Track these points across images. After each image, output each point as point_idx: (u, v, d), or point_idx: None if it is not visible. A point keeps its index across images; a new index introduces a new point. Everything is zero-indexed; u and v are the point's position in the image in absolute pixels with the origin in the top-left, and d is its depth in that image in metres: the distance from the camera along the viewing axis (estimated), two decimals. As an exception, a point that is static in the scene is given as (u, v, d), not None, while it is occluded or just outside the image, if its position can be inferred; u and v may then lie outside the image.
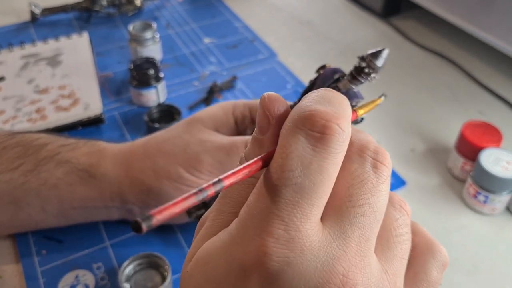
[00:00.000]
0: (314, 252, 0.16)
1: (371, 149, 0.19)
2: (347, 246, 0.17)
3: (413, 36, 0.71)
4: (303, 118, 0.17)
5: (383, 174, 0.19)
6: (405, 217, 0.20)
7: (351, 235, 0.17)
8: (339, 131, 0.17)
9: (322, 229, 0.17)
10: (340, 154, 0.18)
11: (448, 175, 0.50)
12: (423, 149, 0.53)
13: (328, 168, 0.17)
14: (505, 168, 0.44)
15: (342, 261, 0.16)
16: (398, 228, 0.19)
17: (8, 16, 0.75)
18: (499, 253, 0.43)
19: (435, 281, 0.20)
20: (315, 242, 0.16)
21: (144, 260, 0.40)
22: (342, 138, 0.17)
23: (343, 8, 0.79)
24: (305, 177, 0.17)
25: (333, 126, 0.17)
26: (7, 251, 0.42)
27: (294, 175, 0.17)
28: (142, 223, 0.14)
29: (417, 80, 0.63)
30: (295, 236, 0.16)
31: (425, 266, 0.20)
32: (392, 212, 0.20)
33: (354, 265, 0.17)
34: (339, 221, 0.17)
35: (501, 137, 0.47)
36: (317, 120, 0.17)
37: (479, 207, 0.46)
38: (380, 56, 0.35)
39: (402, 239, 0.19)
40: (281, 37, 0.71)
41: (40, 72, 0.60)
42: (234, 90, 0.60)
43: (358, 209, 0.18)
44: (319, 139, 0.17)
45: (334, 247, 0.17)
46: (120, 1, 0.73)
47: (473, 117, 0.57)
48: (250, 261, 0.16)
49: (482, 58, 0.67)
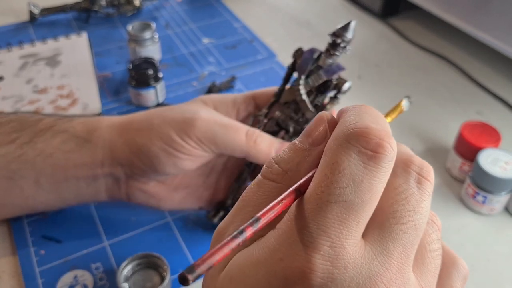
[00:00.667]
0: (357, 269, 0.17)
1: (416, 164, 0.19)
2: (389, 263, 0.17)
3: (411, 37, 0.71)
4: (357, 135, 0.18)
5: (427, 191, 0.19)
6: (437, 232, 0.20)
7: (393, 252, 0.17)
8: (390, 150, 0.18)
9: (365, 245, 0.17)
10: (389, 172, 0.18)
11: (446, 175, 0.50)
12: (422, 149, 0.53)
13: (377, 186, 0.17)
14: (503, 168, 0.44)
15: (384, 278, 0.17)
16: (431, 243, 0.20)
17: (7, 16, 0.75)
18: (498, 253, 0.43)
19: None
20: (358, 258, 0.17)
21: (142, 260, 0.39)
22: (391, 157, 0.18)
23: (342, 9, 0.79)
24: (356, 195, 0.17)
25: (386, 145, 0.17)
26: (6, 252, 0.42)
27: (345, 192, 0.17)
28: (187, 275, 0.15)
29: (416, 80, 0.63)
30: (339, 253, 0.16)
31: (450, 279, 0.21)
32: (426, 227, 0.20)
33: (394, 282, 0.17)
34: (382, 237, 0.18)
35: (499, 138, 0.47)
36: (372, 138, 0.17)
37: (477, 207, 0.46)
38: (349, 28, 0.38)
39: (435, 255, 0.20)
40: (280, 37, 0.71)
41: (39, 72, 0.60)
42: (233, 90, 0.60)
43: (401, 226, 0.18)
44: (371, 158, 0.17)
45: (376, 264, 0.17)
46: (119, 1, 0.73)
47: (472, 117, 0.57)
48: (295, 277, 0.16)
49: (480, 59, 0.67)
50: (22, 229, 0.43)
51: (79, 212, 0.45)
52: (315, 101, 0.38)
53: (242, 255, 0.18)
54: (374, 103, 0.58)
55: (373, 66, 0.66)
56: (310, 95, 0.38)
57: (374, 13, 0.76)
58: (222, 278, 0.18)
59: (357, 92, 0.61)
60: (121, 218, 0.44)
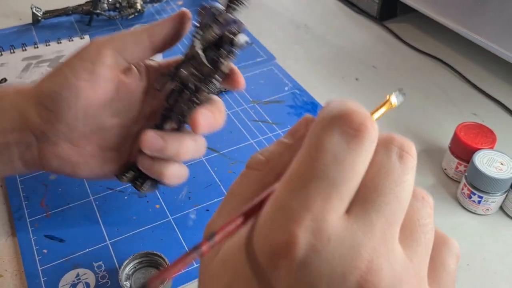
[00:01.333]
0: (340, 240, 0.17)
1: (397, 140, 0.20)
2: (372, 233, 0.17)
3: (408, 39, 0.72)
4: (340, 116, 0.18)
5: (409, 164, 0.19)
6: (428, 208, 0.20)
7: (376, 222, 0.18)
8: (373, 130, 0.18)
9: (348, 219, 0.17)
10: (371, 152, 0.18)
11: (442, 175, 0.51)
12: (418, 150, 0.54)
13: (360, 165, 0.18)
14: (498, 169, 0.45)
15: (367, 247, 0.17)
16: (421, 218, 0.20)
17: (10, 18, 0.76)
18: (493, 252, 0.44)
19: (453, 272, 0.21)
20: (341, 231, 0.17)
21: (144, 258, 0.40)
22: (374, 137, 0.18)
23: (340, 12, 0.80)
24: (338, 172, 0.17)
25: (368, 126, 0.18)
26: (9, 250, 0.43)
27: (328, 169, 0.17)
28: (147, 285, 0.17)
29: (412, 82, 0.64)
30: (322, 226, 0.17)
31: (442, 257, 0.21)
32: (415, 203, 0.20)
33: (378, 251, 0.17)
34: (365, 210, 0.18)
35: (495, 139, 0.48)
36: (355, 119, 0.18)
37: (473, 207, 0.47)
38: None
39: (426, 229, 0.19)
40: (279, 40, 0.72)
41: (41, 74, 0.61)
42: (232, 93, 0.61)
43: (383, 198, 0.18)
44: (354, 137, 0.18)
45: (359, 235, 0.17)
46: (121, 4, 0.74)
47: (467, 118, 0.57)
48: (279, 250, 0.17)
49: (476, 61, 0.68)
50: (25, 228, 0.44)
51: (82, 211, 0.46)
52: (211, 55, 0.37)
53: (232, 238, 0.19)
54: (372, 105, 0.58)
55: (371, 68, 0.67)
56: (208, 51, 0.37)
57: (371, 16, 0.77)
58: (216, 263, 0.19)
59: (355, 94, 0.62)
60: (123, 218, 0.45)
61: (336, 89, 0.63)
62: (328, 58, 0.68)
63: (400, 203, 0.18)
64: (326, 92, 0.62)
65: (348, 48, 0.71)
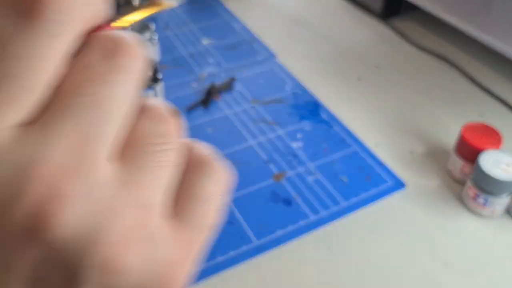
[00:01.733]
0: (3, 154, 0.13)
1: (113, 39, 0.15)
2: (57, 146, 0.13)
3: (412, 38, 0.71)
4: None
5: (120, 63, 0.15)
6: (165, 127, 0.16)
7: (64, 132, 0.13)
8: (54, 8, 0.13)
9: (25, 129, 0.13)
10: (52, 35, 0.14)
11: (447, 177, 0.50)
12: (423, 151, 0.53)
13: (36, 53, 0.13)
14: (505, 170, 0.44)
15: (45, 166, 0.13)
16: (150, 137, 0.16)
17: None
18: (498, 255, 0.43)
19: (211, 199, 0.17)
20: (8, 142, 0.13)
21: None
22: (57, 16, 0.14)
23: (342, 10, 0.78)
24: (6, 62, 0.13)
25: (45, 2, 0.13)
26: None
27: None
28: None
29: (417, 82, 0.63)
30: None
31: (195, 182, 0.17)
32: (146, 121, 0.16)
33: (67, 171, 0.13)
34: (51, 117, 0.14)
35: (500, 139, 0.47)
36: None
37: (478, 210, 0.46)
38: None
39: (155, 149, 0.16)
40: (280, 38, 0.71)
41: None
42: (233, 92, 0.60)
43: (75, 100, 0.14)
44: (23, 16, 0.13)
45: (33, 149, 0.13)
46: (118, 3, 0.73)
47: (473, 119, 0.56)
48: None
49: (482, 60, 0.66)
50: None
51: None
52: None
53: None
54: (374, 105, 0.58)
55: (373, 67, 0.66)
56: None
57: (375, 13, 0.76)
58: None
59: (357, 94, 0.61)
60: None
61: (338, 89, 0.61)
62: (330, 57, 0.67)
63: (102, 110, 0.14)
64: (327, 92, 0.61)
65: (351, 46, 0.70)
